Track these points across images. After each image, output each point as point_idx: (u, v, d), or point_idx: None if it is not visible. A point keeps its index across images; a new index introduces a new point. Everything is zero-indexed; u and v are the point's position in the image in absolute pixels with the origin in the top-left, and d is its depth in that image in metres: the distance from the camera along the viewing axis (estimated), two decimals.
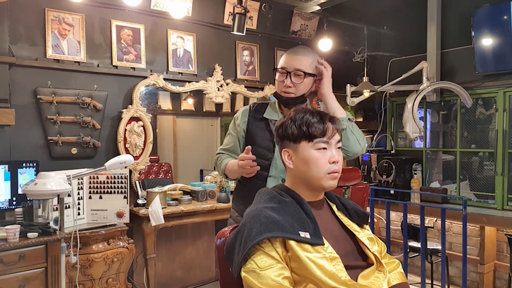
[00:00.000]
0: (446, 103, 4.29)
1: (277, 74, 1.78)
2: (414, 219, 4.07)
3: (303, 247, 1.15)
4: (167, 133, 4.10)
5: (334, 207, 1.37)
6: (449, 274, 3.70)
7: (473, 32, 3.75)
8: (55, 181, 1.95)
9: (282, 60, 1.78)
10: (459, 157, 4.02)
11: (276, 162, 1.76)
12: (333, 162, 1.26)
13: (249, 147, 1.69)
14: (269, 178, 1.76)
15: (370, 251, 1.27)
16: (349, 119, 1.74)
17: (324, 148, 1.26)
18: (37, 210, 2.03)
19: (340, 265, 1.16)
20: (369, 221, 1.42)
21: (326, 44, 4.19)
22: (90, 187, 2.98)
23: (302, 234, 1.16)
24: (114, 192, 2.98)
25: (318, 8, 3.75)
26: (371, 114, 4.91)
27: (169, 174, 3.80)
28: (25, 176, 2.69)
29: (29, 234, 2.30)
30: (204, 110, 4.18)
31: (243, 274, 1.14)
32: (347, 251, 1.24)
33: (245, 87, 4.03)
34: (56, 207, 2.37)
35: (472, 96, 3.79)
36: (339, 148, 1.30)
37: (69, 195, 2.25)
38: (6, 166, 2.64)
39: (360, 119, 4.94)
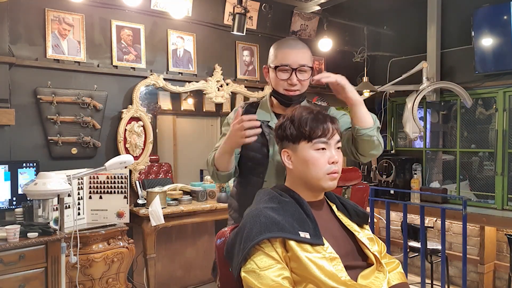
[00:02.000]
0: (446, 103, 4.29)
1: (277, 72, 1.59)
2: (414, 219, 4.07)
3: (303, 247, 1.15)
4: (167, 133, 4.10)
5: (334, 207, 1.37)
6: (449, 274, 3.70)
7: (473, 32, 3.75)
8: (55, 181, 1.95)
9: (281, 56, 1.59)
10: (459, 157, 4.03)
11: (271, 166, 1.59)
12: (333, 163, 1.26)
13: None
14: (265, 183, 1.59)
15: (370, 251, 1.27)
16: (377, 127, 1.51)
17: (323, 149, 1.26)
18: (37, 210, 2.03)
19: (340, 265, 1.16)
20: (369, 221, 1.42)
21: (326, 44, 4.19)
22: (90, 187, 2.98)
23: (302, 234, 1.16)
24: (114, 192, 2.98)
25: (318, 8, 3.76)
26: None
27: (169, 174, 3.81)
28: (25, 176, 2.69)
29: (29, 234, 2.30)
30: (204, 110, 4.19)
31: (243, 274, 1.14)
32: (347, 251, 1.24)
33: (245, 87, 4.03)
34: (56, 207, 2.37)
35: (472, 96, 3.79)
36: (338, 148, 1.30)
37: (69, 195, 2.25)
38: (6, 166, 2.64)
39: None
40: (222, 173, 1.58)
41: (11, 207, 2.65)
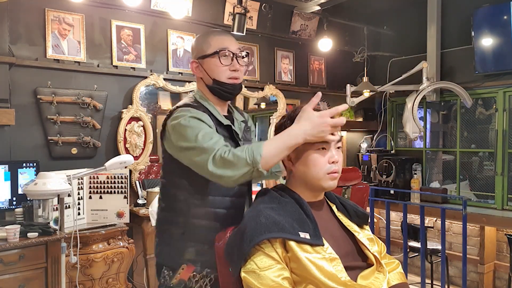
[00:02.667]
0: (446, 103, 4.29)
1: (218, 58, 1.43)
2: (414, 219, 4.07)
3: (302, 247, 1.15)
4: None
5: (334, 208, 1.37)
6: (449, 274, 3.70)
7: (473, 32, 3.75)
8: (55, 181, 1.95)
9: (217, 42, 1.44)
10: (459, 157, 4.03)
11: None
12: (333, 162, 1.26)
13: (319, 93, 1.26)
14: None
15: (369, 251, 1.27)
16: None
17: (324, 148, 1.26)
18: (37, 210, 2.03)
19: (340, 265, 1.16)
20: (369, 221, 1.42)
21: (326, 44, 4.19)
22: (90, 187, 2.98)
23: (302, 234, 1.16)
24: (114, 192, 2.98)
25: (318, 8, 3.75)
26: (371, 114, 4.92)
27: None
28: (25, 176, 2.69)
29: (29, 234, 2.30)
30: None
31: (242, 274, 1.14)
32: (347, 251, 1.24)
33: (245, 87, 4.03)
34: (56, 207, 2.37)
35: (472, 96, 3.79)
36: (338, 148, 1.30)
37: (69, 195, 2.25)
38: (6, 166, 2.64)
39: (360, 119, 4.94)
40: (265, 173, 1.24)
41: (11, 207, 2.65)
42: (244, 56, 1.48)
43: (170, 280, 1.43)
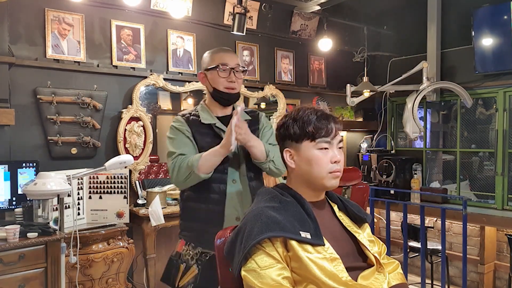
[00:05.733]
0: (446, 103, 4.29)
1: (218, 71, 1.77)
2: (414, 219, 4.07)
3: (303, 247, 1.15)
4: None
5: (335, 208, 1.37)
6: (449, 274, 3.70)
7: (473, 32, 3.75)
8: (55, 181, 1.95)
9: (218, 58, 1.79)
10: (459, 157, 4.03)
11: (234, 165, 1.76)
12: (335, 162, 1.26)
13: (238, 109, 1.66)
14: (230, 186, 1.74)
15: (370, 252, 1.27)
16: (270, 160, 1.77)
17: (326, 148, 1.26)
18: (37, 210, 2.03)
19: (341, 265, 1.16)
20: (370, 222, 1.42)
21: (326, 44, 4.19)
22: (90, 187, 2.98)
23: (303, 234, 1.16)
24: (114, 192, 2.98)
25: (318, 8, 3.75)
26: (371, 114, 4.92)
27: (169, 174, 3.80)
28: (25, 176, 2.69)
29: (29, 234, 2.29)
30: None
31: (243, 273, 1.14)
32: (347, 251, 1.24)
33: (245, 87, 4.02)
34: (56, 207, 2.37)
35: (472, 96, 3.79)
36: (340, 148, 1.31)
37: (69, 195, 2.24)
38: (6, 166, 2.64)
39: (360, 119, 4.94)
40: (202, 176, 1.67)
41: (11, 207, 2.65)
42: (242, 71, 1.82)
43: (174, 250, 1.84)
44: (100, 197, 2.97)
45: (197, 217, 1.76)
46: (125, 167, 2.88)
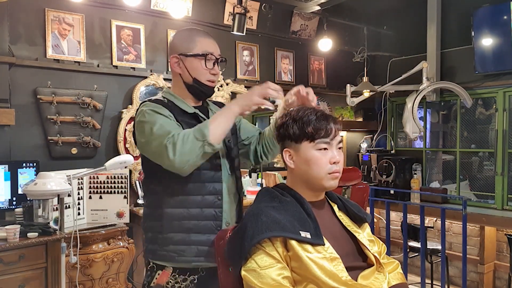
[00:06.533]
0: (446, 103, 4.29)
1: (205, 62, 1.49)
2: (414, 219, 4.07)
3: (303, 247, 1.15)
4: None
5: (335, 207, 1.37)
6: (449, 274, 3.70)
7: (473, 32, 3.75)
8: (55, 181, 1.95)
9: (203, 44, 1.50)
10: (459, 157, 4.03)
11: (228, 161, 1.52)
12: (334, 163, 1.26)
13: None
14: (225, 184, 1.49)
15: (370, 251, 1.27)
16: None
17: (325, 149, 1.26)
18: (37, 210, 2.02)
19: (341, 265, 1.16)
20: (370, 221, 1.42)
21: (326, 44, 4.20)
22: (90, 187, 2.98)
23: (303, 234, 1.16)
24: (114, 192, 2.98)
25: (318, 8, 3.75)
26: (371, 114, 4.92)
27: None
28: (25, 176, 2.69)
29: (29, 234, 2.29)
30: None
31: (243, 273, 1.15)
32: (347, 251, 1.24)
33: (245, 87, 4.02)
34: (56, 207, 2.37)
35: (472, 96, 3.79)
36: (339, 148, 1.31)
37: (69, 195, 2.24)
38: (6, 166, 2.64)
39: (360, 119, 4.95)
40: (215, 147, 1.34)
41: (11, 207, 2.65)
42: (224, 61, 1.57)
43: (151, 281, 1.46)
44: (100, 197, 2.97)
45: (185, 227, 1.42)
46: (125, 167, 2.87)
